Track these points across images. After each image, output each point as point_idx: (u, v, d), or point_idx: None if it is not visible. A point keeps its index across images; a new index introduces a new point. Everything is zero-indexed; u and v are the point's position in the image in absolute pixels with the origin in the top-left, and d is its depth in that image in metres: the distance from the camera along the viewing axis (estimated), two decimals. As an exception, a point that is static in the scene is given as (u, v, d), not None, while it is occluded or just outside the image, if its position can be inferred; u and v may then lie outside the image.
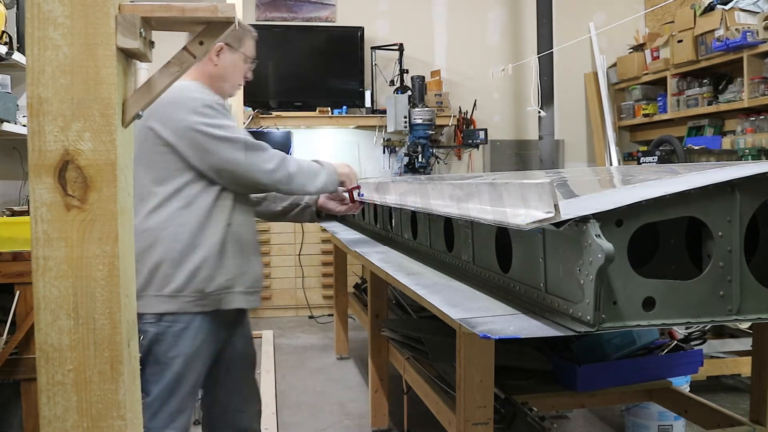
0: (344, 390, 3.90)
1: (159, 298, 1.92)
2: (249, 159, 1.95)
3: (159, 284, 1.91)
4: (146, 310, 1.91)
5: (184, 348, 1.95)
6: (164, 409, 1.93)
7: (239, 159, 1.94)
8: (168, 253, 1.91)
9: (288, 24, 6.45)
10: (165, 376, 1.93)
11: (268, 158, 1.99)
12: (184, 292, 1.93)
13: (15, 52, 4.00)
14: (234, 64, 2.11)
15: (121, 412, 0.91)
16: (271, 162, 1.99)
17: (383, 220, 2.87)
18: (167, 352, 1.93)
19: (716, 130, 5.53)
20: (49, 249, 0.89)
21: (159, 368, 1.93)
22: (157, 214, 1.92)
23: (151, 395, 1.91)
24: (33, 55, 0.88)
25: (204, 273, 1.94)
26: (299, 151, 6.40)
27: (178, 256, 1.92)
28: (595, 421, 3.29)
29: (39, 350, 0.89)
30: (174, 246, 1.92)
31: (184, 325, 1.94)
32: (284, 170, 2.01)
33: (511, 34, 6.82)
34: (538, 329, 1.30)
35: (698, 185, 1.24)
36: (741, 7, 4.98)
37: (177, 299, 1.92)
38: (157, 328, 1.92)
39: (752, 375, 2.09)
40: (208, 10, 0.96)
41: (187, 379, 1.97)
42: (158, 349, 1.93)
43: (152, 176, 1.93)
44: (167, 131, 1.91)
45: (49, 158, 0.88)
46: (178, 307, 1.93)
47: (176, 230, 1.92)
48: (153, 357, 1.93)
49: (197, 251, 1.93)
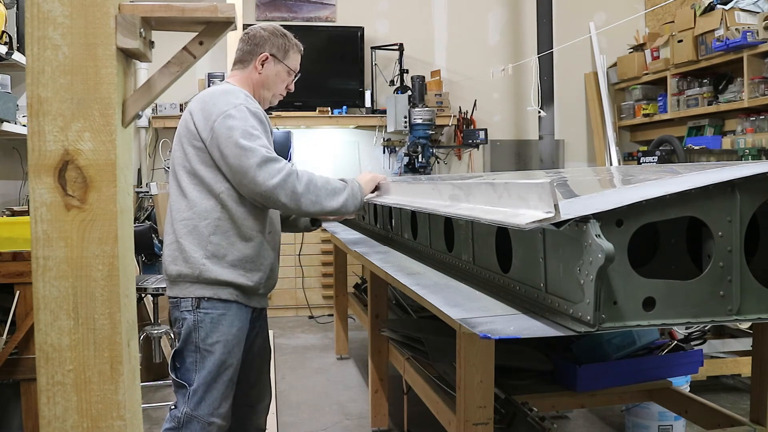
0: (344, 390, 3.90)
1: (197, 284, 2.00)
2: (255, 172, 1.91)
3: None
4: (185, 295, 1.99)
5: (224, 334, 2.02)
6: (208, 396, 1.99)
7: (247, 169, 1.92)
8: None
9: (288, 24, 6.43)
10: (207, 363, 1.99)
11: (272, 173, 1.92)
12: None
13: (15, 52, 4.00)
14: (277, 74, 2.20)
15: (120, 413, 0.90)
16: (274, 178, 1.92)
17: (383, 220, 2.87)
18: (206, 339, 1.99)
19: (716, 130, 5.53)
20: (49, 249, 0.89)
21: (200, 356, 1.99)
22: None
23: (197, 382, 1.98)
24: (33, 55, 0.88)
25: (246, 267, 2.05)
26: (299, 151, 6.40)
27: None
28: (595, 421, 3.29)
29: (39, 350, 0.89)
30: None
31: (222, 311, 2.02)
32: (289, 188, 1.93)
33: (511, 34, 6.82)
34: (538, 329, 1.30)
35: (698, 185, 1.24)
36: (741, 7, 4.98)
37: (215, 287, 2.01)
38: (194, 315, 2.00)
39: (752, 375, 2.08)
40: (207, 10, 0.96)
41: (228, 365, 2.03)
42: (197, 336, 1.99)
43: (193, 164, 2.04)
44: (201, 126, 1.99)
45: (49, 158, 0.88)
46: (214, 293, 2.01)
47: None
48: (193, 345, 1.99)
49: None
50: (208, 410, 1.99)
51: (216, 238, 2.00)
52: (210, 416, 1.99)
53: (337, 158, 6.51)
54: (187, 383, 1.98)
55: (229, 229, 2.01)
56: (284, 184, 1.92)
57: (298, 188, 1.94)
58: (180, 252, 1.99)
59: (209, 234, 1.99)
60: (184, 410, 1.97)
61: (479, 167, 6.72)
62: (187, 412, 1.97)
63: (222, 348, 2.01)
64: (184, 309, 1.99)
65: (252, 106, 2.04)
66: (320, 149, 6.49)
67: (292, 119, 6.19)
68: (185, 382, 1.99)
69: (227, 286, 2.01)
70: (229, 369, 2.03)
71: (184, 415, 1.97)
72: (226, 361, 2.02)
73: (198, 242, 1.99)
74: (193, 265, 1.98)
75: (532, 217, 1.27)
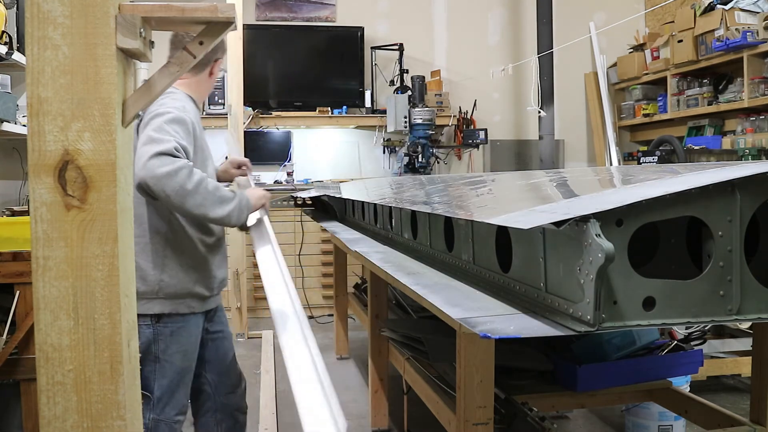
0: (344, 390, 3.90)
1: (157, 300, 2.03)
2: (149, 159, 1.81)
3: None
4: (143, 311, 1.99)
5: (183, 345, 2.09)
6: (172, 400, 2.08)
7: (143, 154, 1.83)
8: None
9: (288, 24, 6.45)
10: (168, 373, 2.06)
11: (166, 163, 1.82)
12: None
13: (15, 52, 4.00)
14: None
15: (120, 412, 0.90)
16: (166, 167, 1.81)
17: (383, 219, 2.87)
18: (167, 350, 2.05)
19: (716, 130, 5.53)
20: (49, 249, 0.89)
21: (159, 366, 2.05)
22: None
23: (160, 390, 2.05)
24: (33, 54, 0.88)
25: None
26: (299, 151, 6.40)
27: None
28: (595, 421, 3.29)
29: (39, 350, 0.89)
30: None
31: (181, 324, 2.07)
32: (178, 182, 1.82)
33: (511, 34, 6.82)
34: (538, 329, 1.30)
35: (698, 185, 1.24)
36: (741, 7, 4.98)
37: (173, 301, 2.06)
38: (154, 329, 2.03)
39: (752, 375, 2.08)
40: (208, 10, 0.96)
41: (188, 369, 2.13)
42: (157, 348, 2.04)
43: None
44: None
45: (49, 158, 0.88)
46: (173, 308, 2.05)
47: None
48: (152, 356, 2.04)
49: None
50: (174, 412, 2.09)
51: (169, 251, 2.02)
52: (176, 416, 2.09)
53: (337, 158, 6.51)
54: (147, 391, 2.02)
55: (181, 240, 2.04)
56: (174, 175, 1.81)
57: (188, 185, 1.83)
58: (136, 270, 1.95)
59: (162, 249, 2.02)
60: (150, 416, 2.04)
61: (479, 167, 6.73)
62: (154, 418, 2.05)
63: (182, 357, 2.08)
64: (142, 324, 1.98)
65: (187, 115, 1.99)
66: (320, 149, 6.49)
67: (292, 119, 6.19)
68: (145, 391, 2.00)
69: (185, 297, 2.06)
70: (189, 372, 2.14)
71: (151, 421, 2.04)
72: (187, 367, 2.12)
73: (152, 259, 2.00)
74: (150, 282, 2.00)
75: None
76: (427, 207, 1.95)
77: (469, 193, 2.22)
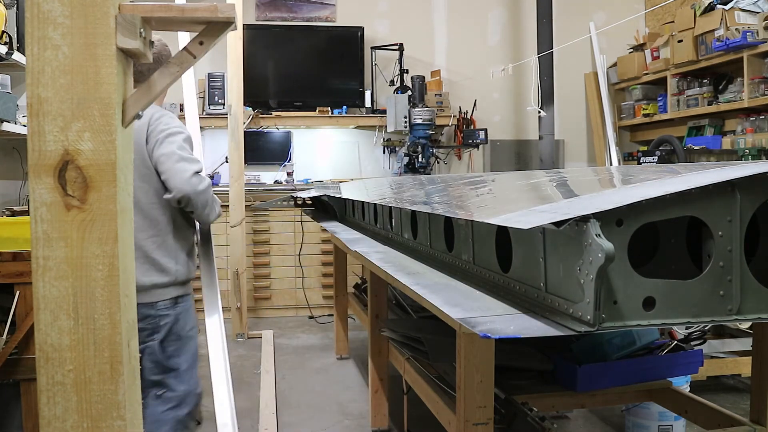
0: (344, 390, 3.90)
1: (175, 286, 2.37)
2: (181, 164, 2.19)
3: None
4: (161, 297, 2.31)
5: (195, 319, 2.44)
6: (194, 372, 2.42)
7: (182, 173, 2.19)
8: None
9: (288, 24, 6.45)
10: (189, 347, 2.39)
11: (203, 181, 2.23)
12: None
13: (15, 52, 4.00)
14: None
15: (120, 412, 0.90)
16: (203, 184, 2.22)
17: (383, 219, 2.87)
18: (185, 327, 2.37)
19: (716, 130, 5.53)
20: (49, 249, 0.89)
21: (182, 343, 2.35)
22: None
23: (186, 364, 2.35)
24: (33, 55, 0.88)
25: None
26: (299, 151, 6.40)
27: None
28: (595, 421, 3.29)
29: (39, 350, 0.89)
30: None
31: (190, 302, 2.41)
32: (207, 197, 2.25)
33: (511, 34, 6.82)
34: (538, 329, 1.30)
35: (698, 185, 1.24)
36: (741, 7, 4.98)
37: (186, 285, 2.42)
38: (174, 311, 2.33)
39: (752, 375, 2.08)
40: (208, 10, 0.96)
41: (197, 344, 2.47)
42: (179, 326, 2.34)
43: None
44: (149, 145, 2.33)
45: (49, 158, 0.88)
46: (185, 290, 2.41)
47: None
48: (174, 335, 2.32)
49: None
50: (196, 382, 2.41)
51: (178, 245, 2.35)
52: (197, 387, 2.40)
53: (337, 158, 6.51)
54: (176, 367, 2.33)
55: (183, 234, 2.38)
56: (207, 191, 2.27)
57: (210, 199, 2.31)
58: (152, 265, 2.27)
59: (174, 244, 2.33)
60: (182, 389, 2.34)
61: (479, 167, 6.73)
62: (186, 389, 2.35)
63: (196, 331, 2.45)
64: (162, 308, 2.29)
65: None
66: (320, 149, 6.49)
67: (292, 119, 6.19)
68: (174, 367, 2.33)
69: (189, 281, 2.42)
70: (197, 345, 2.49)
71: (184, 393, 2.34)
72: (196, 341, 2.46)
73: (168, 254, 2.31)
74: (170, 273, 2.31)
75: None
76: (427, 207, 1.95)
77: (469, 193, 2.22)
